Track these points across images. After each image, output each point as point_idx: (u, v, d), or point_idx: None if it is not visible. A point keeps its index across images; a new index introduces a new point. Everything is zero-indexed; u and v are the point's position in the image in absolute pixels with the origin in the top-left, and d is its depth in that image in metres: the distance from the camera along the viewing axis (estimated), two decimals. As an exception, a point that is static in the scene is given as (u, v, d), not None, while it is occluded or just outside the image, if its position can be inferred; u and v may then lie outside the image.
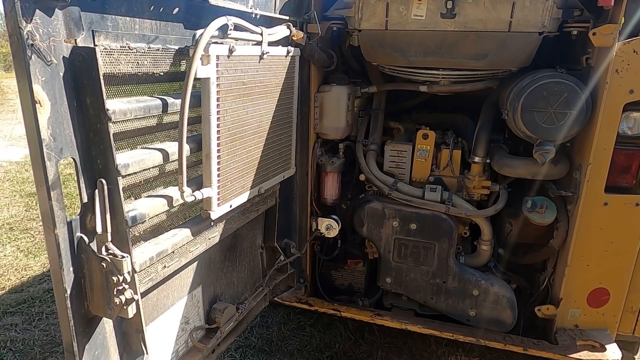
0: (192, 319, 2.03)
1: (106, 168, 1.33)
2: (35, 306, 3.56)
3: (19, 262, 4.21)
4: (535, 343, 2.50)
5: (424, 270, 2.68)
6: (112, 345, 1.53)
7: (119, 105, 1.37)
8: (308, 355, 3.10)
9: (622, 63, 2.07)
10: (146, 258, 1.56)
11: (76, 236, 1.31)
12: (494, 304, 2.60)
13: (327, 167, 2.74)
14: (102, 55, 1.28)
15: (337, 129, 2.66)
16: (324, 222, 2.75)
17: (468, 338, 2.60)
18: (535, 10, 2.15)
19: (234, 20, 1.72)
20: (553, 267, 2.53)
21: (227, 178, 1.86)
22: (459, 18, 2.25)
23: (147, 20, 1.48)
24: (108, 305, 1.37)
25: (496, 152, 2.61)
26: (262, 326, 3.38)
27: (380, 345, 3.17)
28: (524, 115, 2.20)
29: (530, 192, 2.52)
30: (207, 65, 1.62)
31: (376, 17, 2.38)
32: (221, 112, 1.74)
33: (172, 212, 1.75)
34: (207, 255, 2.04)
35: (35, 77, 1.12)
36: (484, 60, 2.30)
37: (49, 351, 3.09)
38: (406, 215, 2.64)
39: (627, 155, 2.21)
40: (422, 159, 2.69)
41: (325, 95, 2.60)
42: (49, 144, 1.17)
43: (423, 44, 2.36)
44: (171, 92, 1.67)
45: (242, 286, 2.43)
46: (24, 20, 1.06)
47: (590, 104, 2.13)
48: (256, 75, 1.96)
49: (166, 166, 1.66)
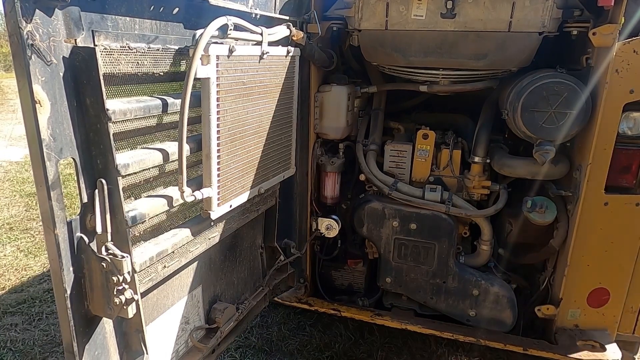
0: (192, 319, 2.03)
1: (106, 168, 1.33)
2: (35, 306, 3.56)
3: (19, 262, 4.21)
4: (535, 343, 2.50)
5: (424, 270, 2.68)
6: (112, 345, 1.53)
7: (119, 105, 1.37)
8: (308, 355, 3.10)
9: (622, 63, 2.07)
10: (146, 258, 1.56)
11: (76, 236, 1.31)
12: (494, 304, 2.60)
13: (327, 167, 2.74)
14: (102, 55, 1.28)
15: (337, 129, 2.66)
16: (324, 222, 2.75)
17: (468, 338, 2.60)
18: (535, 10, 2.15)
19: (234, 20, 1.72)
20: (553, 267, 2.53)
21: (227, 178, 1.86)
22: (459, 18, 2.25)
23: (147, 20, 1.48)
24: (108, 305, 1.37)
25: (496, 152, 2.61)
26: (262, 326, 3.38)
27: (380, 345, 3.17)
28: (524, 115, 2.20)
29: (530, 192, 2.51)
30: (207, 65, 1.62)
31: (376, 17, 2.38)
32: (221, 112, 1.74)
33: (172, 212, 1.75)
34: (207, 255, 2.04)
35: (35, 77, 1.12)
36: (484, 60, 2.30)
37: (49, 351, 3.09)
38: (406, 215, 2.64)
39: (627, 155, 2.21)
40: (422, 159, 2.69)
41: (325, 95, 2.60)
42: (49, 144, 1.17)
43: (423, 44, 2.36)
44: (171, 92, 1.67)
45: (242, 286, 2.43)
46: (24, 20, 1.06)
47: (590, 104, 2.13)
48: (256, 75, 1.96)
49: (166, 166, 1.66)
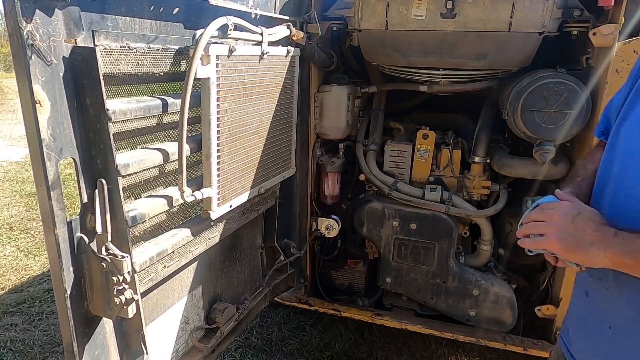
0: (192, 319, 2.03)
1: (106, 168, 1.33)
2: (35, 306, 3.56)
3: (19, 262, 4.21)
4: (535, 343, 2.50)
5: (424, 270, 2.68)
6: (112, 345, 1.53)
7: (119, 105, 1.37)
8: (308, 355, 3.10)
9: (622, 63, 2.07)
10: (146, 258, 1.56)
11: (76, 236, 1.31)
12: (494, 304, 2.60)
13: (327, 167, 2.74)
14: (102, 55, 1.28)
15: (337, 129, 2.66)
16: (324, 222, 2.75)
17: (468, 338, 2.60)
18: (535, 10, 2.15)
19: (234, 20, 1.72)
20: (553, 267, 2.53)
21: (227, 178, 1.86)
22: (459, 18, 2.25)
23: (147, 20, 1.48)
24: (108, 305, 1.37)
25: (496, 152, 2.61)
26: (262, 326, 3.38)
27: (380, 345, 3.17)
28: (524, 115, 2.20)
29: (530, 192, 2.51)
30: (207, 65, 1.62)
31: (376, 17, 2.38)
32: (221, 112, 1.74)
33: (172, 212, 1.75)
34: (207, 255, 2.04)
35: (35, 77, 1.11)
36: (484, 60, 2.30)
37: (49, 351, 3.09)
38: (406, 215, 2.64)
39: (627, 155, 2.21)
40: (422, 159, 2.69)
41: (325, 95, 2.60)
42: (49, 144, 1.17)
43: (423, 44, 2.36)
44: (171, 92, 1.67)
45: (242, 286, 2.43)
46: (24, 20, 1.06)
47: (590, 104, 2.13)
48: (256, 75, 1.96)
49: (166, 166, 1.66)
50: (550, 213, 1.10)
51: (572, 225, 1.04)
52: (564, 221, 1.06)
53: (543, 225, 1.11)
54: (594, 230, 1.01)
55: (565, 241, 1.04)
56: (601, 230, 1.01)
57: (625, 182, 1.05)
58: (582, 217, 1.04)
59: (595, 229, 1.01)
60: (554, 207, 1.11)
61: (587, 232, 1.02)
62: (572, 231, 1.03)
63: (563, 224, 1.05)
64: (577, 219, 1.04)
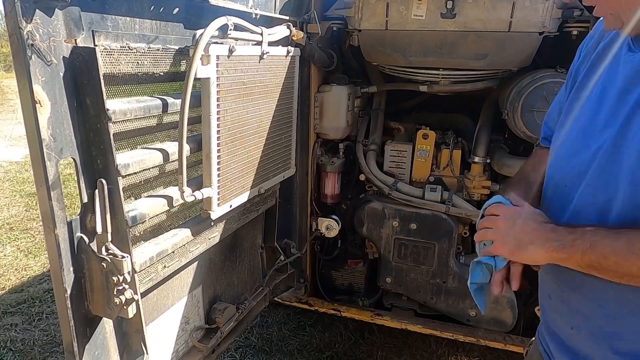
0: (192, 319, 2.03)
1: (106, 168, 1.33)
2: (35, 306, 3.56)
3: (19, 262, 4.21)
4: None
5: (424, 270, 2.68)
6: (112, 345, 1.53)
7: (119, 105, 1.37)
8: (308, 355, 3.10)
9: (622, 63, 2.06)
10: (146, 258, 1.56)
11: (76, 236, 1.31)
12: (494, 304, 2.60)
13: (327, 167, 2.74)
14: (102, 56, 1.28)
15: (337, 129, 2.66)
16: (324, 222, 2.75)
17: (468, 338, 2.60)
18: (535, 10, 2.15)
19: (234, 20, 1.72)
20: (553, 267, 2.53)
21: (227, 178, 1.86)
22: (459, 18, 2.25)
23: (147, 20, 1.48)
24: (108, 306, 1.37)
25: (496, 152, 2.61)
26: (262, 326, 3.38)
27: (380, 345, 3.17)
28: (524, 115, 2.20)
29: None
30: (207, 65, 1.62)
31: (376, 17, 2.38)
32: (221, 112, 1.74)
33: (172, 212, 1.75)
34: (207, 255, 2.04)
35: (35, 77, 1.11)
36: (484, 60, 2.30)
37: (49, 351, 3.09)
38: (406, 215, 2.64)
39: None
40: (422, 159, 2.69)
41: (325, 95, 2.60)
42: (49, 144, 1.17)
43: (423, 44, 2.36)
44: (171, 92, 1.67)
45: (242, 286, 2.43)
46: (24, 20, 1.06)
47: (590, 104, 2.13)
48: (256, 75, 1.96)
49: (166, 166, 1.66)
50: (495, 220, 1.13)
51: (513, 228, 1.07)
52: (506, 225, 1.09)
53: (490, 232, 1.14)
54: (533, 230, 1.04)
55: (508, 244, 1.07)
56: (540, 228, 1.03)
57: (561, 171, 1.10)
58: (523, 219, 1.07)
59: (534, 227, 1.04)
60: (500, 212, 1.14)
61: (526, 231, 1.04)
62: (514, 234, 1.06)
63: (505, 228, 1.09)
64: (518, 221, 1.07)
